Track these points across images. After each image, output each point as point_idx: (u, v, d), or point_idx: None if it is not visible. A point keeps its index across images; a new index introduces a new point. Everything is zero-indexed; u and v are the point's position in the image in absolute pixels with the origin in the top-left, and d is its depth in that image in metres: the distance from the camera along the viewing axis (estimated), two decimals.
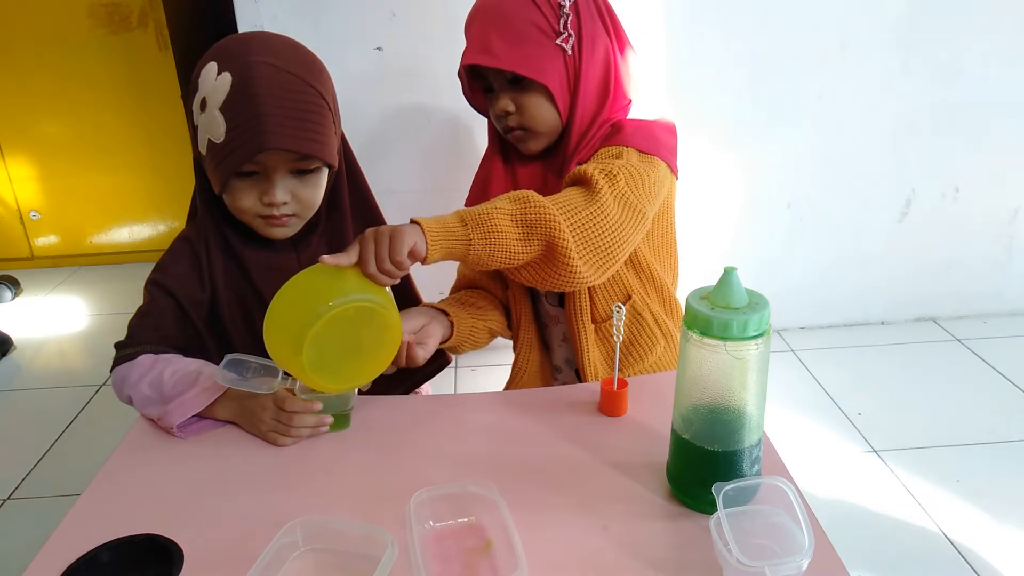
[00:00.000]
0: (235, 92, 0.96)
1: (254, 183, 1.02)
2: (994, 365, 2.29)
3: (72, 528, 0.82)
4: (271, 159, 0.99)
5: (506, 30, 1.08)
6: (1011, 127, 2.33)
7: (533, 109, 1.11)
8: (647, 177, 1.06)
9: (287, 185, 1.02)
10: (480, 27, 1.11)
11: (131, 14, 2.96)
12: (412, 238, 0.88)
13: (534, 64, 1.08)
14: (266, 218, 1.04)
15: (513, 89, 1.11)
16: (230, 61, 0.98)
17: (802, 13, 2.13)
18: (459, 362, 2.42)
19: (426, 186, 2.23)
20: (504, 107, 1.12)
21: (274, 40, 1.03)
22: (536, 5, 1.08)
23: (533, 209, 0.96)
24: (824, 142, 2.30)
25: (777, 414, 2.08)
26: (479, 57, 1.10)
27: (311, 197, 1.06)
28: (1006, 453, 1.89)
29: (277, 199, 1.01)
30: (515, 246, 0.96)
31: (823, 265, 2.47)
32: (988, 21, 2.19)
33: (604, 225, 0.99)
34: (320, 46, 1.07)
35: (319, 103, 1.01)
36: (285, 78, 0.98)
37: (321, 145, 1.01)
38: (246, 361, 0.95)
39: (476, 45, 1.11)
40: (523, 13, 1.08)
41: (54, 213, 3.30)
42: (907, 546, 1.62)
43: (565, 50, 1.09)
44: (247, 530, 0.80)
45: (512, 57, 1.08)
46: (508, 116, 1.13)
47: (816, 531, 0.71)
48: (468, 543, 0.77)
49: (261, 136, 0.95)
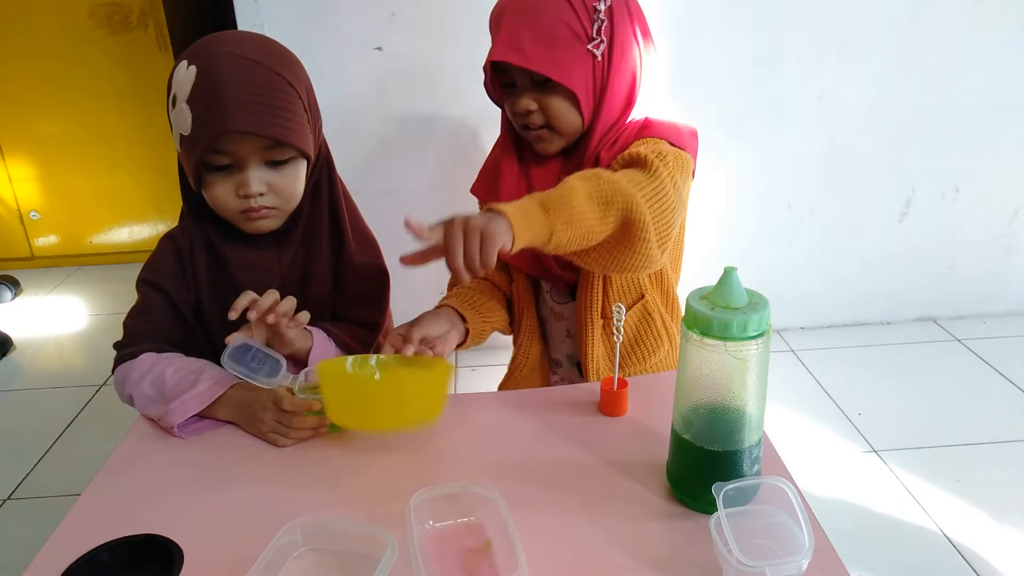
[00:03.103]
0: (199, 82, 0.95)
1: (228, 176, 1.00)
2: (994, 365, 2.29)
3: (72, 528, 0.82)
4: (241, 147, 0.98)
5: (538, 29, 1.04)
6: (1011, 127, 2.33)
7: (556, 111, 1.09)
8: (684, 168, 1.06)
9: (262, 176, 1.01)
10: (511, 22, 1.06)
11: (131, 14, 2.96)
12: (502, 237, 0.82)
13: (563, 68, 1.05)
14: (245, 212, 1.03)
15: (537, 89, 1.08)
16: (197, 55, 0.98)
17: (802, 14, 2.13)
18: (459, 362, 2.43)
19: (426, 186, 2.23)
20: (526, 106, 1.09)
21: (245, 35, 1.03)
22: (571, 6, 1.05)
23: (608, 185, 0.91)
24: (825, 142, 2.30)
25: (777, 414, 2.08)
26: (508, 54, 1.05)
27: (289, 188, 1.04)
28: (1006, 453, 1.90)
29: (252, 190, 1.00)
30: (595, 226, 0.90)
31: (823, 265, 2.47)
32: (988, 21, 2.19)
33: (666, 203, 0.96)
34: (320, 46, 1.07)
35: (286, 89, 0.99)
36: (249, 65, 0.97)
37: (289, 131, 0.99)
38: (252, 347, 0.95)
39: (506, 41, 1.06)
40: (557, 13, 1.04)
41: (54, 213, 3.30)
42: (907, 546, 1.62)
43: (595, 55, 1.06)
44: (247, 530, 0.80)
45: (542, 58, 1.04)
46: (530, 115, 1.10)
47: (816, 531, 0.71)
48: (468, 543, 0.77)
49: (224, 118, 0.94)
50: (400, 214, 1.02)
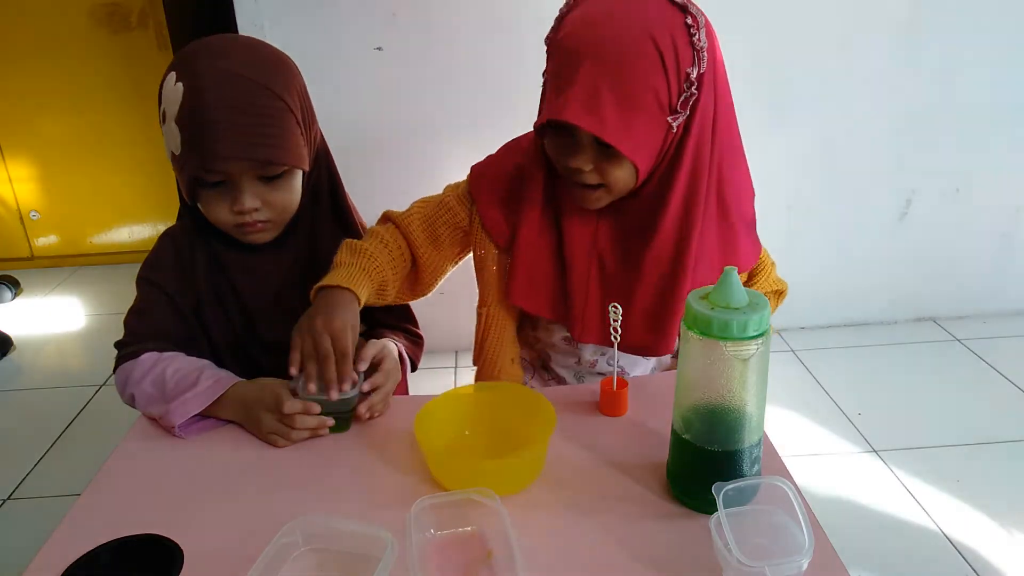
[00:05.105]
0: (185, 103, 0.95)
1: (223, 192, 1.00)
2: (994, 365, 2.29)
3: (72, 528, 0.82)
4: (233, 167, 0.98)
5: (621, 92, 0.91)
6: (1011, 127, 2.33)
7: (614, 177, 0.98)
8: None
9: (256, 191, 1.00)
10: (591, 77, 0.91)
11: (131, 15, 2.96)
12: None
13: (636, 141, 0.94)
14: (240, 226, 1.03)
15: (599, 151, 0.96)
16: (183, 69, 0.97)
17: (802, 12, 2.14)
18: (459, 361, 2.44)
19: (426, 187, 2.22)
20: (582, 166, 0.97)
21: (232, 44, 1.02)
22: (664, 69, 0.91)
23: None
24: (825, 141, 2.30)
25: (777, 414, 2.08)
26: (583, 118, 0.91)
27: (284, 201, 1.04)
28: (1005, 453, 1.90)
29: (246, 206, 1.00)
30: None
31: (823, 265, 2.47)
32: (989, 20, 2.19)
33: None
34: (320, 46, 1.07)
35: (275, 105, 0.98)
36: (237, 83, 0.96)
37: (279, 149, 0.99)
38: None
39: (583, 99, 0.91)
40: (645, 76, 0.91)
41: (54, 213, 3.31)
42: (906, 545, 1.63)
43: (672, 127, 0.96)
44: (247, 530, 0.80)
45: (617, 128, 0.91)
46: (584, 174, 0.98)
47: (816, 531, 0.71)
48: (469, 553, 0.77)
49: (214, 145, 0.94)
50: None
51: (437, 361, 2.40)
